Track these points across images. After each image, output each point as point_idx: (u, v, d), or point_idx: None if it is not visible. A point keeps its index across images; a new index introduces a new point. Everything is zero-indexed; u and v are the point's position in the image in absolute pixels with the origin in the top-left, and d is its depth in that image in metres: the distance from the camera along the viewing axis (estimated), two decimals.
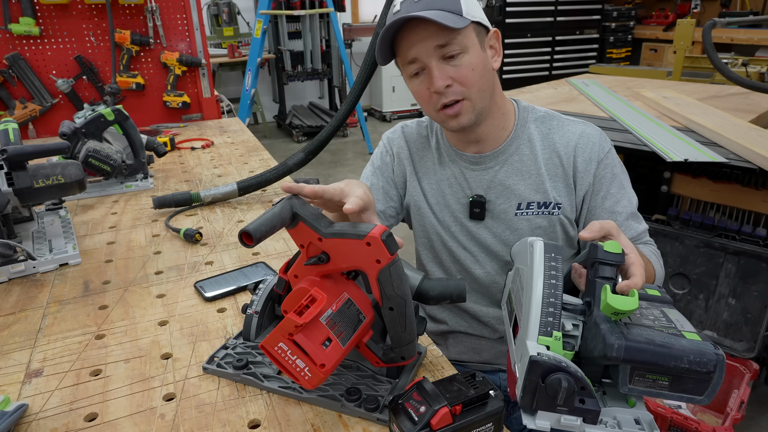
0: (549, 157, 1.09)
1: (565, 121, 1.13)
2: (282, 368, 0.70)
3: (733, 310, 2.04)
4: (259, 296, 0.90)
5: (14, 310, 1.06)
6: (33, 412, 0.78)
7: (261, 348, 0.70)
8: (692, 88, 2.85)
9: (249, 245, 0.69)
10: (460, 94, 1.00)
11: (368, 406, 0.75)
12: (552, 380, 0.57)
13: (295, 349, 0.68)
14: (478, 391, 0.68)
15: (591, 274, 0.67)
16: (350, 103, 1.50)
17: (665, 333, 0.61)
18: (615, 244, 0.68)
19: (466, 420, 0.65)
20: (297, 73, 6.07)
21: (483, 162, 1.11)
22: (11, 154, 1.15)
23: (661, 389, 0.60)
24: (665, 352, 0.58)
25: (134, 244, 1.33)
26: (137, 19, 2.40)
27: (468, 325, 1.22)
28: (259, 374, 0.83)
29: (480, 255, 1.16)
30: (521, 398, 0.59)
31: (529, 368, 0.58)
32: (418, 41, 0.97)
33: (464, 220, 1.14)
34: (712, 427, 1.68)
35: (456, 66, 0.98)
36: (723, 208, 2.07)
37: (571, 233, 1.12)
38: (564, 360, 0.58)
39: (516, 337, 0.70)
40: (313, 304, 0.68)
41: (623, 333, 0.59)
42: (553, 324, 0.61)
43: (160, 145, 1.82)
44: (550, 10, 6.57)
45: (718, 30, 4.02)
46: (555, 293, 0.62)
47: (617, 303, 0.60)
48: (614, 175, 1.09)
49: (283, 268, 0.81)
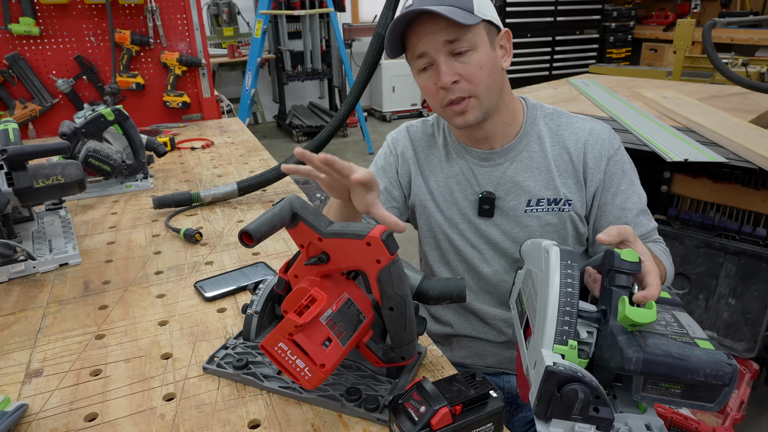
0: (559, 154, 1.09)
1: (573, 118, 1.13)
2: (282, 368, 0.70)
3: (733, 310, 2.04)
4: (259, 296, 0.90)
5: (14, 310, 1.06)
6: (33, 412, 0.78)
7: (261, 348, 0.70)
8: (692, 88, 2.85)
9: (249, 245, 0.69)
10: (466, 91, 1.00)
11: (368, 406, 0.75)
12: (568, 391, 0.57)
13: (295, 349, 0.68)
14: (478, 391, 0.68)
15: (606, 282, 0.67)
16: (350, 103, 1.50)
17: (679, 341, 0.61)
18: (632, 253, 0.67)
19: (466, 420, 0.65)
20: (297, 73, 6.07)
21: (492, 158, 1.11)
22: (11, 154, 1.15)
23: (674, 397, 0.60)
24: (682, 365, 0.58)
25: (134, 244, 1.33)
26: (137, 19, 2.40)
27: (473, 327, 1.21)
28: (259, 374, 0.83)
29: (488, 253, 1.15)
30: (536, 406, 0.59)
31: (545, 378, 0.58)
32: (427, 35, 0.97)
33: (473, 217, 1.14)
34: (712, 427, 1.68)
35: (464, 63, 0.98)
36: (723, 208, 2.07)
37: (581, 230, 1.11)
38: (579, 370, 0.58)
39: (527, 339, 0.69)
40: (313, 304, 0.68)
41: (640, 345, 0.59)
42: (569, 332, 0.61)
43: (160, 145, 1.82)
44: (550, 10, 6.57)
45: (718, 30, 4.02)
46: (571, 301, 0.62)
47: (635, 316, 0.60)
48: (624, 171, 1.09)
49: (283, 268, 0.81)
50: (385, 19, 1.35)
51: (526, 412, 1.22)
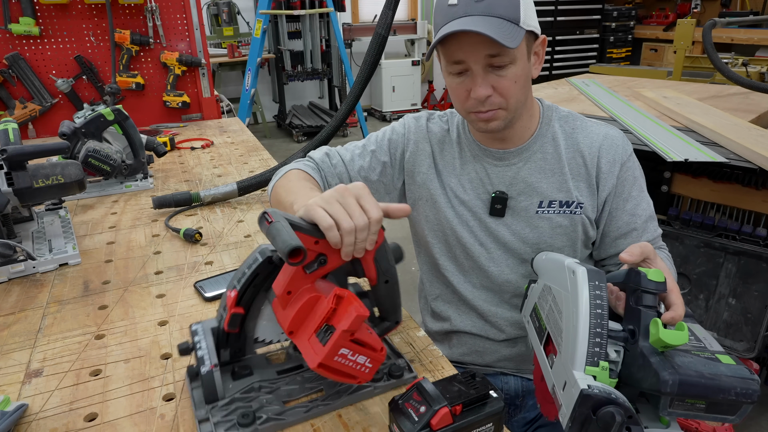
0: (572, 157, 1.09)
1: (588, 122, 1.13)
2: (339, 377, 0.69)
3: (733, 310, 2.04)
4: (206, 347, 0.75)
5: (14, 310, 1.06)
6: (33, 412, 0.78)
7: (317, 369, 0.66)
8: (692, 88, 2.85)
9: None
10: (497, 104, 1.00)
11: (395, 374, 0.80)
12: (604, 414, 0.57)
13: (357, 348, 0.68)
14: (479, 391, 0.68)
15: (632, 301, 0.67)
16: (350, 103, 1.50)
17: (703, 358, 0.62)
18: (658, 273, 0.67)
19: (467, 420, 0.65)
20: (297, 73, 6.07)
21: (506, 158, 1.11)
22: (11, 154, 1.15)
23: (698, 412, 0.61)
24: (715, 385, 0.59)
25: (134, 244, 1.33)
26: (137, 18, 2.40)
27: (473, 324, 1.21)
28: (272, 414, 0.75)
29: (496, 252, 1.14)
30: (569, 428, 0.60)
31: (579, 401, 0.58)
32: (469, 45, 0.95)
33: (483, 215, 1.13)
34: (712, 427, 1.68)
35: (500, 76, 0.97)
36: (723, 208, 2.06)
37: (590, 233, 1.11)
38: (613, 392, 0.59)
39: (549, 356, 0.70)
40: (340, 303, 0.68)
41: (674, 366, 0.60)
42: (600, 354, 0.62)
43: (159, 145, 1.82)
44: (550, 10, 6.57)
45: (718, 30, 4.01)
46: (601, 323, 0.63)
47: (669, 338, 0.61)
48: (635, 177, 1.10)
49: (234, 301, 0.74)
50: (385, 19, 1.35)
51: (526, 413, 1.22)
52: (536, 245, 1.11)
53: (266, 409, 0.75)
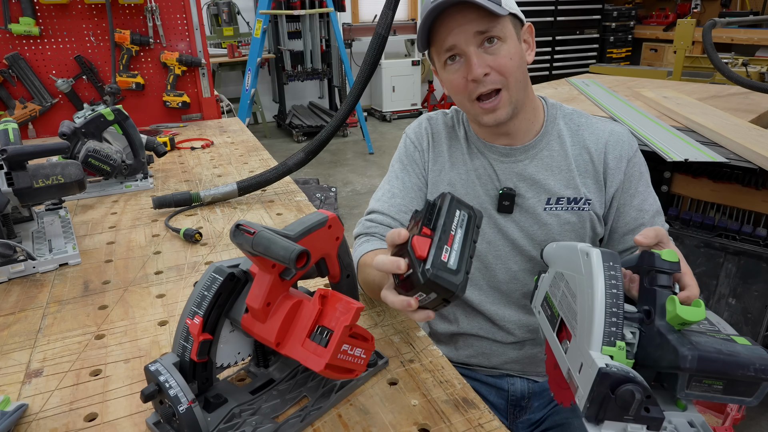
0: (579, 153, 1.10)
1: (593, 119, 1.13)
2: (340, 374, 0.69)
3: (733, 310, 2.04)
4: (177, 384, 0.69)
5: (14, 310, 1.06)
6: (33, 412, 0.78)
7: (323, 371, 0.66)
8: (692, 88, 2.85)
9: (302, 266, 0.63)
10: (498, 83, 0.99)
11: (371, 364, 0.83)
12: (623, 392, 0.57)
13: (354, 342, 0.69)
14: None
15: (647, 282, 0.67)
16: (350, 103, 1.50)
17: (719, 338, 0.62)
18: (672, 253, 0.67)
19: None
20: (297, 73, 6.07)
21: (513, 155, 1.11)
22: (11, 154, 1.15)
23: (716, 393, 0.60)
24: (735, 361, 0.58)
25: (134, 244, 1.33)
26: (137, 18, 2.40)
27: (480, 327, 1.19)
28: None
29: (503, 249, 1.14)
30: (587, 409, 0.59)
31: (598, 380, 0.58)
32: (457, 27, 0.96)
33: (492, 212, 1.13)
34: (712, 428, 1.68)
35: (494, 55, 0.98)
36: (723, 208, 2.07)
37: (598, 230, 1.12)
38: (631, 370, 0.59)
39: (563, 342, 0.70)
40: (326, 300, 0.69)
41: (692, 343, 0.60)
42: (616, 333, 0.61)
43: (159, 145, 1.82)
44: (550, 10, 6.58)
45: (718, 30, 4.02)
46: (617, 302, 0.63)
47: (687, 314, 0.60)
48: (641, 173, 1.11)
49: (200, 328, 0.70)
50: (385, 19, 1.35)
51: (531, 414, 1.21)
52: (544, 242, 1.10)
53: (261, 430, 0.72)
